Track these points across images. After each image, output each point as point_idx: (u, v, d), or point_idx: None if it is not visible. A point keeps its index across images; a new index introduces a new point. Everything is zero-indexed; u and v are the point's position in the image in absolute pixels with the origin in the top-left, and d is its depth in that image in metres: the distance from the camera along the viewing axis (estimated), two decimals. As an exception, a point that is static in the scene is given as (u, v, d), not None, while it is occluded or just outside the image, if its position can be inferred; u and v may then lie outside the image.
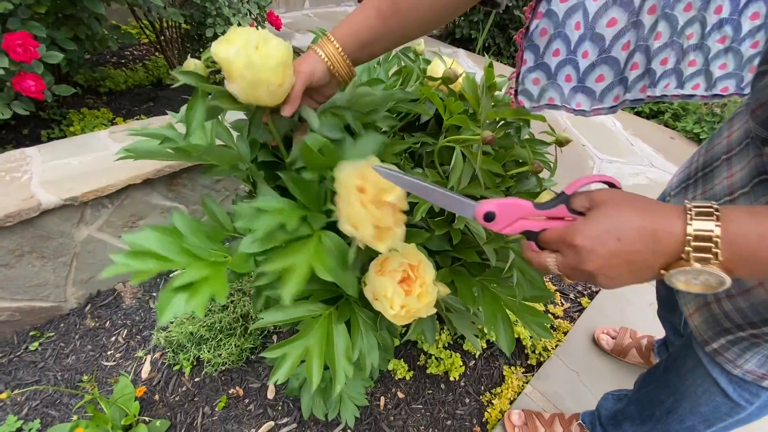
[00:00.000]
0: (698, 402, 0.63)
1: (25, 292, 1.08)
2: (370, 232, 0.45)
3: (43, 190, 1.01)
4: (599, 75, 0.81)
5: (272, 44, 0.46)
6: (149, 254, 0.56)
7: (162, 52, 2.04)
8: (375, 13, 0.52)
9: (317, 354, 0.58)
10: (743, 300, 0.51)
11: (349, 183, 0.46)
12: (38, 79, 1.15)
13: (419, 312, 0.51)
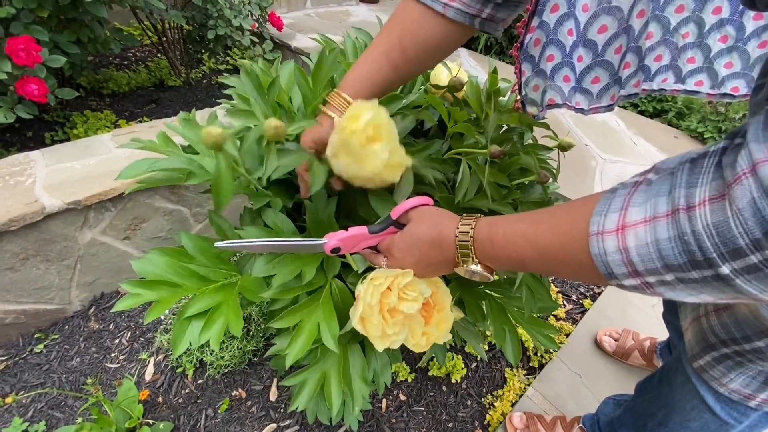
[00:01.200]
0: (688, 417, 0.64)
1: (29, 294, 1.09)
2: (377, 333, 0.48)
3: (46, 194, 1.01)
4: (595, 77, 0.82)
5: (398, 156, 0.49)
6: (160, 282, 0.57)
7: (164, 54, 2.05)
8: (387, 62, 0.55)
9: (335, 377, 0.58)
10: (727, 315, 0.53)
11: (378, 285, 0.47)
12: (41, 83, 1.15)
13: (439, 339, 0.52)
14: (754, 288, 0.25)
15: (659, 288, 0.29)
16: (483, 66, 2.50)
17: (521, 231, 0.38)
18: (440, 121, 0.81)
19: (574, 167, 1.84)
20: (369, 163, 0.48)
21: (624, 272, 0.30)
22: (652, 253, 0.28)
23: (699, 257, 0.26)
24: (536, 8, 0.62)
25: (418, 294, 0.48)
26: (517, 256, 0.39)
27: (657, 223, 0.27)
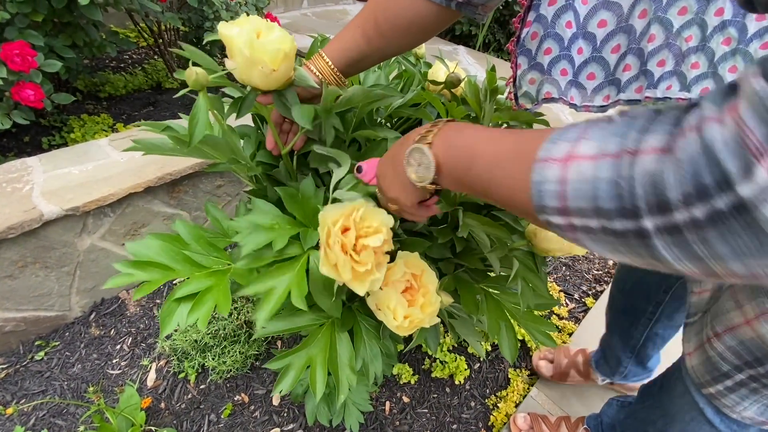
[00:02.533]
0: (686, 429, 0.62)
1: (29, 302, 1.08)
2: (348, 276, 0.46)
3: (44, 200, 1.01)
4: (590, 72, 0.80)
5: (275, 32, 0.49)
6: (153, 264, 0.57)
7: (161, 56, 2.04)
8: (361, 34, 0.57)
9: (320, 363, 0.58)
10: (731, 338, 0.50)
11: (332, 226, 0.46)
12: (37, 89, 1.14)
13: (422, 322, 0.51)
14: (670, 254, 0.24)
15: (580, 234, 0.28)
16: (481, 64, 2.49)
17: (493, 131, 0.38)
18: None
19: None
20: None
21: (555, 206, 0.29)
22: (588, 192, 0.26)
23: (627, 204, 0.24)
24: (532, 2, 0.61)
25: (379, 224, 0.47)
26: (472, 149, 0.37)
27: (602, 161, 0.26)
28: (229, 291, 0.57)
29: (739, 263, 0.22)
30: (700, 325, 0.57)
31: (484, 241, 0.60)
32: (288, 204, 0.57)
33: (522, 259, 0.63)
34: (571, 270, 1.46)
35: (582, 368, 1.05)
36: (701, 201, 0.21)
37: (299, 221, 0.57)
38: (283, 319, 0.60)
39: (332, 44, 0.58)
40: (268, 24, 0.50)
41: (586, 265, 1.48)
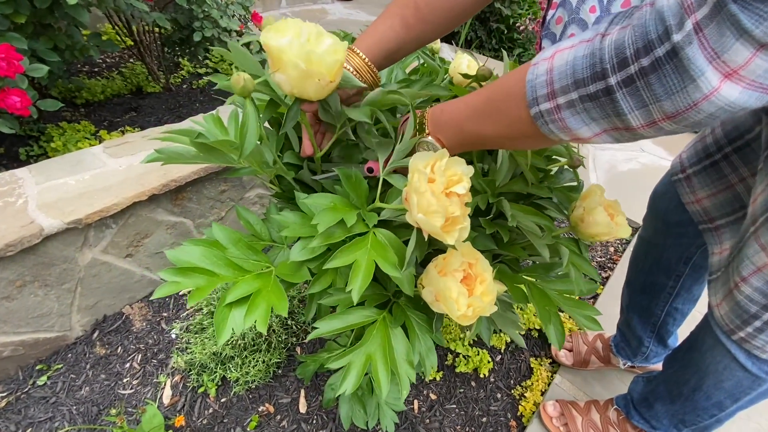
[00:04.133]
0: (721, 378, 0.65)
1: (27, 323, 1.01)
2: (440, 222, 0.44)
3: (42, 214, 0.94)
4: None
5: (326, 40, 0.45)
6: (197, 270, 0.54)
7: (141, 59, 1.94)
8: (400, 21, 0.55)
9: (381, 360, 0.56)
10: (757, 279, 0.54)
11: (422, 171, 0.45)
12: (23, 95, 1.06)
13: (484, 310, 0.50)
14: (626, 105, 0.31)
15: (564, 112, 0.34)
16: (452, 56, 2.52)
17: (463, 98, 0.47)
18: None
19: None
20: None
21: (544, 93, 0.35)
22: (568, 70, 0.33)
23: (599, 68, 0.31)
24: None
25: (462, 173, 0.47)
26: (457, 118, 0.46)
27: (579, 45, 0.33)
28: (282, 290, 0.55)
29: (669, 102, 0.29)
30: (726, 276, 0.60)
31: (534, 230, 0.61)
32: (346, 184, 0.56)
33: (567, 243, 0.64)
34: (575, 258, 1.49)
35: (602, 353, 1.08)
36: (647, 53, 0.29)
37: (354, 202, 0.56)
38: (336, 317, 0.59)
39: (365, 38, 0.57)
40: (317, 29, 0.47)
41: (590, 252, 1.52)
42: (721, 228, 0.67)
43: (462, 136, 0.47)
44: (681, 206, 0.75)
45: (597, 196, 0.60)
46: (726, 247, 0.65)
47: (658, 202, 0.82)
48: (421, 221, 0.45)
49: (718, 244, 0.67)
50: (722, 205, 0.67)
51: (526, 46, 2.79)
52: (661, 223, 0.82)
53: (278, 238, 0.65)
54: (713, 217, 0.68)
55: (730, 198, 0.66)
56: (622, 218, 0.62)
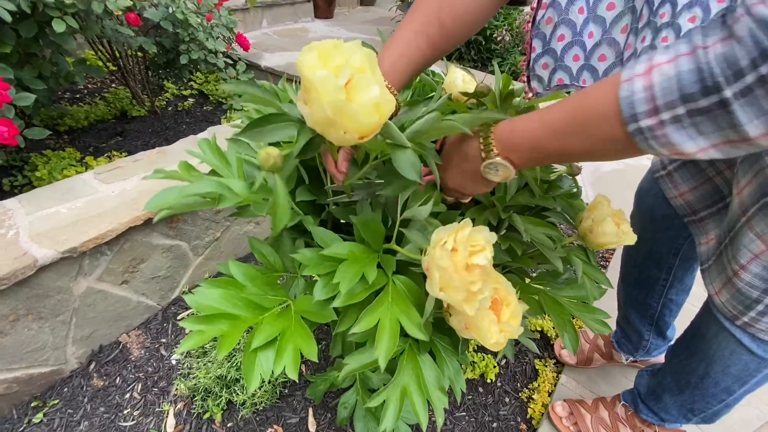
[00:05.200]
0: (728, 363, 0.67)
1: (21, 359, 0.97)
2: (461, 296, 0.44)
3: (35, 244, 0.92)
4: (601, 54, 0.89)
5: (374, 90, 0.37)
6: (219, 315, 0.53)
7: (125, 83, 1.93)
8: (425, 40, 0.53)
9: (417, 391, 0.56)
10: (756, 265, 0.56)
11: (443, 247, 0.44)
12: (11, 125, 1.05)
13: (514, 334, 0.51)
14: (744, 116, 0.31)
15: (669, 128, 0.35)
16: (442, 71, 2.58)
17: (537, 116, 0.45)
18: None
19: (552, 160, 1.94)
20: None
21: (645, 109, 0.35)
22: (673, 85, 0.33)
23: (709, 83, 0.31)
24: None
25: (484, 242, 0.46)
26: (534, 139, 0.45)
27: (680, 59, 0.33)
28: (308, 331, 0.54)
29: None
30: (720, 266, 0.63)
31: (546, 243, 0.62)
32: (363, 231, 0.56)
33: (576, 253, 0.66)
34: (569, 259, 1.53)
35: (604, 350, 1.10)
36: (764, 60, 0.29)
37: (371, 247, 0.56)
38: (364, 352, 0.58)
39: (387, 58, 0.53)
40: (370, 64, 0.38)
41: (581, 252, 1.56)
42: (704, 219, 0.70)
43: (541, 155, 0.46)
44: (665, 201, 0.78)
45: (605, 207, 0.63)
46: (711, 237, 0.68)
47: (644, 199, 0.85)
48: (442, 296, 0.45)
49: (704, 235, 0.70)
50: (704, 197, 0.70)
51: (504, 56, 2.87)
52: (648, 219, 0.85)
53: (291, 267, 0.65)
54: (696, 209, 0.71)
55: (710, 190, 0.69)
56: (627, 226, 0.64)
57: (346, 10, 4.00)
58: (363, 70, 0.38)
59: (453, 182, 0.55)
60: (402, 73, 0.54)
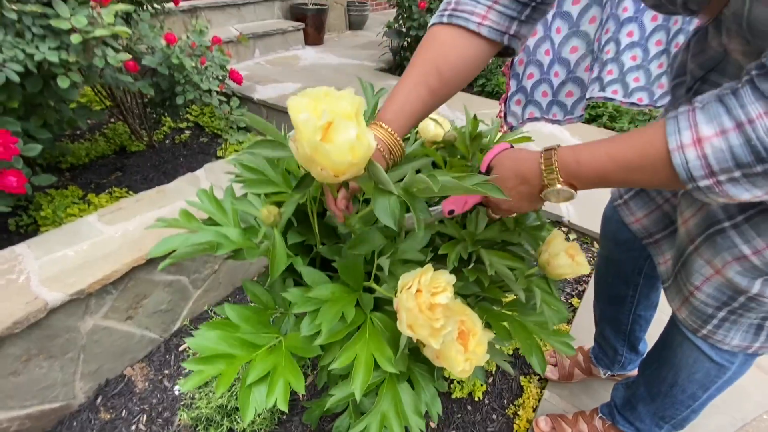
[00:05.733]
0: (692, 370, 0.75)
1: (33, 396, 1.03)
2: (425, 333, 0.51)
3: (45, 288, 0.98)
4: (568, 91, 1.01)
5: (350, 132, 0.41)
6: (217, 356, 0.60)
7: (123, 120, 2.02)
8: (425, 89, 0.57)
9: (395, 418, 0.63)
10: (708, 286, 0.64)
11: (406, 290, 0.52)
12: (19, 175, 1.12)
13: (479, 361, 0.58)
14: None
15: (726, 185, 0.40)
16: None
17: (604, 151, 0.48)
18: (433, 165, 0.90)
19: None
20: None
21: (701, 174, 0.41)
22: (727, 157, 0.39)
23: (764, 154, 0.37)
24: None
25: (446, 283, 0.53)
26: (602, 171, 0.49)
27: (728, 134, 0.39)
28: (296, 366, 0.61)
29: None
30: (677, 286, 0.71)
31: (509, 276, 0.69)
32: (344, 274, 0.63)
33: (538, 283, 0.73)
34: (552, 275, 1.60)
35: (584, 365, 1.16)
36: None
37: (351, 287, 0.63)
38: (345, 383, 0.65)
39: (392, 109, 0.57)
40: (356, 111, 0.42)
41: (564, 268, 1.63)
42: (659, 241, 0.78)
43: (604, 183, 0.51)
44: (625, 226, 0.85)
45: (559, 242, 0.70)
46: (668, 257, 0.76)
47: (607, 225, 0.93)
48: (410, 333, 0.52)
49: (661, 255, 0.78)
50: (657, 222, 0.78)
51: (488, 76, 2.98)
52: (612, 243, 0.93)
53: (281, 304, 0.72)
54: (652, 232, 0.79)
55: (661, 216, 0.77)
56: (582, 257, 0.71)
57: (335, 35, 4.13)
58: (348, 115, 0.42)
59: (507, 203, 0.59)
60: (405, 121, 0.57)
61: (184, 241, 0.69)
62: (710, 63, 0.57)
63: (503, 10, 0.57)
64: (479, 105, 2.63)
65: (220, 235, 0.71)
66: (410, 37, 2.94)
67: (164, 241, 0.69)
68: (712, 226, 0.62)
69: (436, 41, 0.59)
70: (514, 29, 0.59)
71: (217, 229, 0.72)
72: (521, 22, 0.59)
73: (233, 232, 0.73)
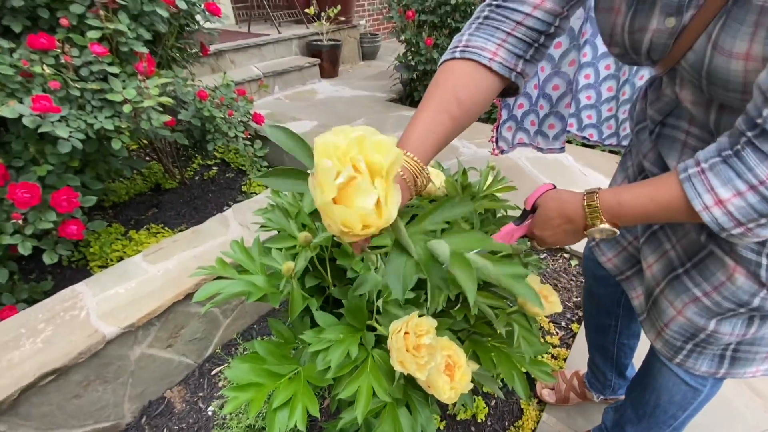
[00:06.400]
0: (672, 393, 0.84)
1: (90, 416, 1.19)
2: (412, 368, 0.64)
3: (103, 322, 1.15)
4: (550, 124, 1.18)
5: (369, 197, 0.35)
6: (249, 384, 0.75)
7: (158, 161, 2.24)
8: (448, 118, 0.58)
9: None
10: (674, 325, 0.74)
11: (398, 332, 0.65)
12: (78, 223, 1.32)
13: (464, 389, 0.70)
14: None
15: (757, 230, 0.46)
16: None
17: (646, 193, 0.53)
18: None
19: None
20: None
21: (732, 225, 0.47)
22: (750, 211, 0.45)
23: None
24: None
25: (428, 326, 0.65)
26: (644, 212, 0.54)
27: (745, 195, 0.45)
28: (313, 395, 0.75)
29: None
30: (650, 321, 0.81)
31: (491, 314, 0.82)
32: (349, 317, 0.77)
33: (518, 319, 0.85)
34: (554, 301, 1.69)
35: (579, 389, 1.25)
36: None
37: (356, 327, 0.77)
38: (352, 409, 0.79)
39: (415, 137, 0.56)
40: (379, 166, 0.36)
41: (566, 294, 1.72)
42: (630, 278, 0.88)
43: (647, 221, 0.56)
44: (600, 264, 0.96)
45: (534, 285, 0.82)
46: (639, 293, 0.85)
47: (587, 263, 1.04)
48: (400, 369, 0.65)
49: (633, 290, 0.87)
50: (625, 261, 0.88)
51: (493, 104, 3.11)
52: (592, 278, 1.03)
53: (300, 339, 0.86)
54: (623, 270, 0.89)
55: (628, 256, 0.87)
56: (555, 297, 0.83)
57: (349, 66, 4.36)
58: (379, 171, 0.36)
59: (553, 239, 0.66)
60: (430, 148, 0.57)
61: (220, 289, 0.86)
62: (666, 108, 0.67)
63: (511, 48, 0.61)
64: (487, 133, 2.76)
65: (250, 284, 0.87)
66: (418, 71, 3.11)
67: (206, 287, 0.85)
68: (672, 272, 0.73)
69: (453, 73, 0.61)
70: (520, 67, 0.62)
71: (247, 279, 0.88)
72: (526, 60, 0.62)
73: (260, 280, 0.89)
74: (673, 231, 0.72)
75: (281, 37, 3.67)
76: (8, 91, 1.15)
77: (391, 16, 3.09)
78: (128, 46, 1.34)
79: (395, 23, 3.11)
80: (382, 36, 5.01)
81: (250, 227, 1.56)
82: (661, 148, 0.69)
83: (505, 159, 2.51)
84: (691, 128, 0.64)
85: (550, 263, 1.87)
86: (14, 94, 1.15)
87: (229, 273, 0.92)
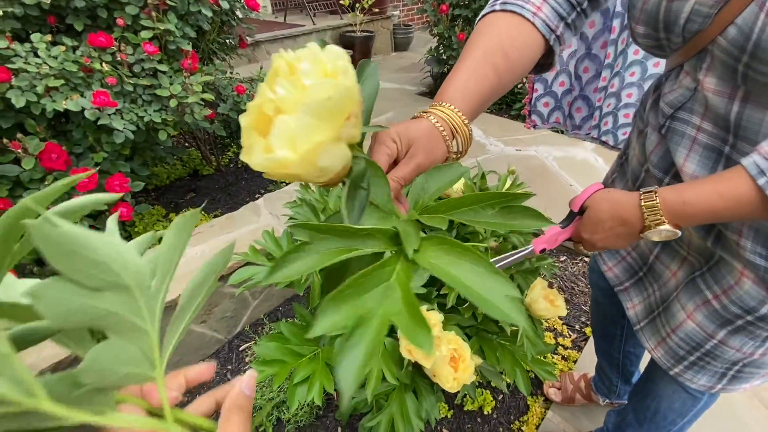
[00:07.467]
0: (672, 400, 0.87)
1: (134, 380, 1.34)
2: (420, 356, 0.72)
3: (147, 297, 1.29)
4: (578, 107, 1.20)
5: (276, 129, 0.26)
6: (274, 360, 0.85)
7: (197, 148, 2.38)
8: (492, 70, 0.52)
9: (399, 418, 0.83)
10: (680, 331, 0.75)
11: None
12: (128, 206, 1.45)
13: (466, 381, 0.77)
14: None
15: None
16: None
17: (711, 189, 0.49)
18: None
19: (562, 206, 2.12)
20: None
21: None
22: None
23: None
24: None
25: (436, 320, 0.71)
26: (711, 210, 0.49)
27: None
28: (330, 374, 0.84)
29: None
30: (654, 328, 0.81)
31: None
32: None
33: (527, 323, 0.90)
34: (570, 304, 1.71)
35: (585, 391, 1.29)
36: None
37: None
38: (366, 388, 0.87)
39: (455, 86, 0.50)
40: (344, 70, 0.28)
41: (582, 298, 1.73)
42: (628, 288, 0.89)
43: (714, 220, 0.51)
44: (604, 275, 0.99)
45: (538, 289, 0.87)
46: (635, 303, 0.87)
47: (592, 274, 1.07)
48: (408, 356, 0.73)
49: (629, 300, 0.89)
50: (625, 271, 0.90)
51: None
52: (597, 288, 1.06)
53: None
54: (622, 280, 0.91)
55: (627, 266, 0.89)
56: (560, 300, 0.87)
57: (381, 57, 4.39)
58: (333, 74, 0.28)
59: (603, 243, 0.60)
60: (470, 101, 0.50)
61: (253, 274, 0.96)
62: (679, 100, 0.62)
63: (555, 6, 0.57)
64: (516, 130, 2.76)
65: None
66: (449, 65, 3.11)
67: (239, 272, 0.96)
68: (692, 274, 0.73)
69: (497, 25, 0.55)
70: (560, 30, 0.58)
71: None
72: (567, 24, 0.58)
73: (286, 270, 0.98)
74: (680, 238, 0.72)
75: (315, 28, 3.74)
76: (72, 85, 1.28)
77: (425, 9, 3.09)
78: (175, 44, 1.45)
79: (428, 17, 3.11)
80: (416, 27, 4.99)
81: (279, 217, 1.66)
82: (669, 143, 0.66)
83: (532, 158, 2.50)
84: (703, 123, 0.60)
85: (569, 266, 1.89)
86: (77, 89, 1.28)
87: (260, 260, 1.02)
